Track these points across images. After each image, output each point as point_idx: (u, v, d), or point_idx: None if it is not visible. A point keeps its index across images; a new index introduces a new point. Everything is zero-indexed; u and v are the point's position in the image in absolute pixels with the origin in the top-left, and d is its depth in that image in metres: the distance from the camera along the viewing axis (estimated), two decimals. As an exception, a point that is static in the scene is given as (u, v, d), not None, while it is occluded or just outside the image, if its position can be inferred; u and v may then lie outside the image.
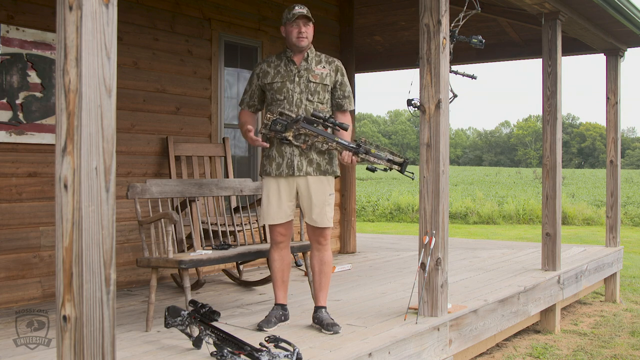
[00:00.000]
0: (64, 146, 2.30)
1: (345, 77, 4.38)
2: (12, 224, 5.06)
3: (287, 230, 4.32)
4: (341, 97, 4.34)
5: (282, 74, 4.24)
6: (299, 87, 4.21)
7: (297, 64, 4.25)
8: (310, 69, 4.25)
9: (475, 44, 5.16)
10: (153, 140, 6.10)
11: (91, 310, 2.30)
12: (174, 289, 5.74)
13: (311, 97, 4.22)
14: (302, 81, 4.22)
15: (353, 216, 8.56)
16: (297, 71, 4.23)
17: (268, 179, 4.29)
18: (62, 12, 2.31)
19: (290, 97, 4.20)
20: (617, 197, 8.55)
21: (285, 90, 4.21)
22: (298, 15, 4.18)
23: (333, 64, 4.33)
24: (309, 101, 4.22)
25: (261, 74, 4.29)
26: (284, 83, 4.22)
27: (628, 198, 23.95)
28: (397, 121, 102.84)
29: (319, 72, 4.26)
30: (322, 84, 4.25)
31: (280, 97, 4.22)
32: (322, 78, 4.26)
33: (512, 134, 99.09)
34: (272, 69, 4.28)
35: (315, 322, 4.21)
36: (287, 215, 4.27)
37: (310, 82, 4.23)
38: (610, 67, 8.58)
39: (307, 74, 4.23)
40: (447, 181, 4.58)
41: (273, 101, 4.26)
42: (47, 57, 5.20)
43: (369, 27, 10.03)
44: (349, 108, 4.39)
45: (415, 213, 20.17)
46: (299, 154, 4.19)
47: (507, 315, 5.42)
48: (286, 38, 4.28)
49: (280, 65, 4.28)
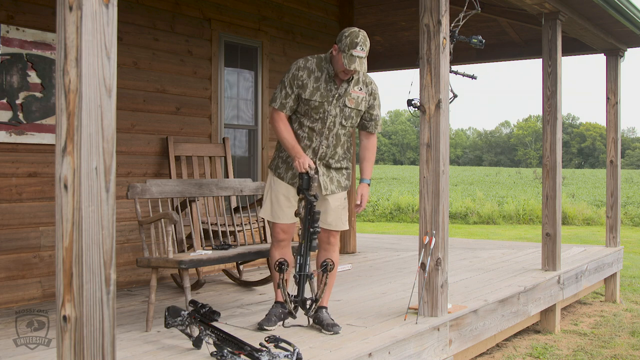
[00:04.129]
0: (64, 146, 2.30)
1: (378, 100, 4.30)
2: (12, 224, 5.06)
3: (290, 229, 4.32)
4: (368, 119, 4.29)
5: (322, 93, 4.09)
6: (335, 111, 4.11)
7: (338, 83, 4.11)
8: (348, 91, 4.13)
9: (475, 44, 5.16)
10: (153, 140, 6.10)
11: (91, 311, 2.30)
12: (174, 289, 5.74)
13: (345, 121, 4.16)
14: (339, 104, 4.12)
15: (353, 216, 8.57)
16: (337, 93, 4.10)
17: (279, 180, 4.26)
18: (62, 12, 2.31)
19: (325, 119, 4.12)
20: (617, 197, 8.55)
21: (322, 111, 4.10)
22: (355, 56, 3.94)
23: (369, 87, 4.23)
24: (342, 126, 4.17)
25: (300, 83, 4.09)
26: (322, 103, 4.09)
27: (628, 198, 23.95)
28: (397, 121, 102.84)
29: (355, 95, 4.15)
30: (356, 109, 4.18)
31: (316, 116, 4.11)
32: (358, 103, 4.17)
33: (512, 134, 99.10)
34: (311, 82, 4.09)
35: (315, 322, 4.21)
36: (292, 217, 4.27)
37: (346, 107, 4.14)
38: (610, 67, 8.58)
39: (345, 98, 4.12)
40: (447, 181, 4.58)
41: (306, 115, 4.13)
42: (47, 57, 5.20)
43: (369, 27, 9.98)
44: (374, 131, 4.33)
45: (415, 213, 20.17)
46: (322, 174, 4.20)
47: (507, 315, 5.42)
48: (333, 60, 4.06)
49: (321, 81, 4.09)
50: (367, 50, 3.99)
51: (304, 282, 3.99)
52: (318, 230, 3.96)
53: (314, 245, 3.95)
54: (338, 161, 4.28)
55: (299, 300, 3.99)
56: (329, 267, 4.07)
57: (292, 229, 4.33)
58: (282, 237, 4.31)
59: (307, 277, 3.99)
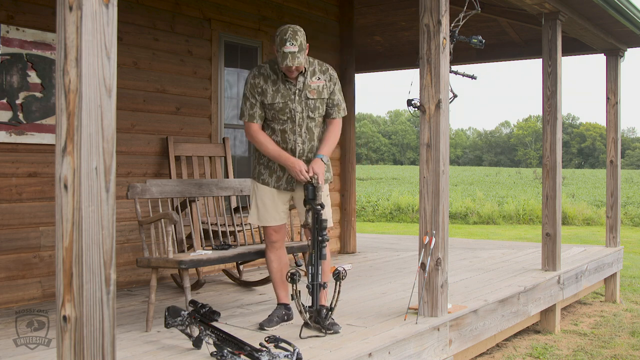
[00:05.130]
0: (64, 146, 2.30)
1: (337, 85, 4.28)
2: (12, 224, 5.06)
3: (281, 229, 4.34)
4: (330, 106, 4.26)
5: (283, 93, 4.13)
6: (300, 106, 4.14)
7: (294, 80, 4.14)
8: (307, 83, 4.15)
9: (475, 44, 5.16)
10: (153, 140, 6.10)
11: (91, 311, 2.29)
12: (174, 289, 5.74)
13: (311, 113, 4.18)
14: (302, 99, 4.14)
15: (353, 216, 8.56)
16: (297, 89, 4.14)
17: (263, 186, 4.31)
18: (62, 12, 2.31)
19: (293, 117, 4.15)
20: (617, 197, 8.55)
21: (288, 111, 4.14)
22: (287, 53, 3.96)
23: (327, 74, 4.23)
24: (310, 118, 4.18)
25: (260, 91, 4.15)
26: (286, 103, 4.13)
27: (628, 198, 23.94)
28: (397, 121, 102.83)
29: (315, 85, 4.16)
30: (319, 98, 4.19)
31: (284, 117, 4.15)
32: (320, 92, 4.19)
33: (512, 134, 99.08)
34: (269, 86, 4.14)
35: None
36: (281, 218, 4.32)
37: (310, 99, 4.15)
38: (610, 67, 8.58)
39: (305, 91, 4.15)
40: (447, 181, 4.58)
41: (275, 119, 4.18)
42: (47, 57, 5.20)
43: (369, 27, 10.02)
44: (337, 116, 4.28)
45: (415, 213, 20.17)
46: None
47: (507, 316, 5.42)
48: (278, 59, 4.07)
49: (278, 83, 4.14)
50: (298, 43, 3.96)
51: (317, 291, 3.98)
52: (327, 238, 3.97)
53: (324, 253, 3.95)
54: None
55: (314, 310, 3.99)
56: (341, 275, 4.05)
57: (283, 229, 4.35)
58: (275, 239, 4.32)
59: (320, 287, 3.99)
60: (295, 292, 3.94)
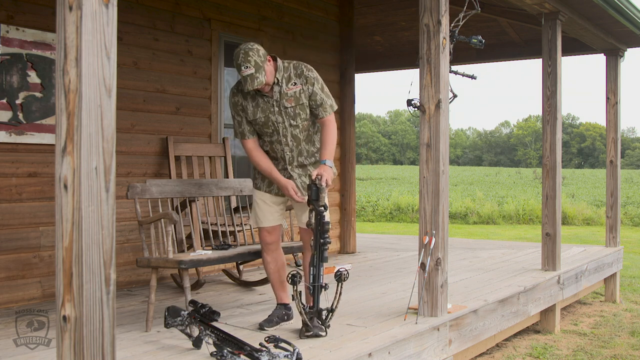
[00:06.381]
0: (64, 146, 2.30)
1: (317, 84, 4.14)
2: (12, 224, 5.07)
3: (274, 231, 4.35)
4: (315, 107, 4.17)
5: (262, 108, 4.11)
6: (281, 117, 4.11)
7: (270, 92, 4.10)
8: (283, 92, 4.10)
9: (475, 44, 5.16)
10: (153, 140, 6.10)
11: (91, 310, 2.30)
12: (174, 289, 5.74)
13: (293, 121, 4.13)
14: (281, 109, 4.10)
15: (353, 216, 8.56)
16: (274, 100, 4.10)
17: (257, 190, 4.37)
18: (62, 12, 2.31)
19: (277, 128, 4.14)
20: (617, 197, 8.55)
21: (271, 124, 4.13)
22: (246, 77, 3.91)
23: (302, 77, 4.12)
24: (293, 126, 4.14)
25: (241, 108, 4.15)
26: (268, 117, 4.12)
27: (628, 198, 23.94)
28: (397, 121, 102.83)
29: (291, 92, 4.10)
30: (298, 105, 4.12)
31: (269, 130, 4.16)
32: (297, 98, 4.12)
33: (512, 134, 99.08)
34: (249, 102, 4.13)
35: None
36: (275, 219, 4.35)
37: (288, 108, 4.10)
38: (610, 67, 8.59)
39: (282, 100, 4.10)
40: (447, 181, 4.58)
41: (262, 133, 4.20)
42: (47, 57, 5.20)
43: (369, 27, 10.03)
44: (325, 115, 4.18)
45: (415, 213, 20.17)
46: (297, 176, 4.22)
47: (507, 315, 5.42)
48: None
49: (257, 97, 4.12)
50: (252, 64, 3.88)
51: (319, 293, 3.98)
52: (329, 241, 3.96)
53: (325, 256, 3.96)
54: (309, 156, 4.27)
55: (314, 312, 3.99)
56: (343, 276, 4.05)
57: (276, 230, 4.37)
58: (269, 240, 4.33)
59: (321, 288, 3.99)
60: (296, 293, 3.94)
